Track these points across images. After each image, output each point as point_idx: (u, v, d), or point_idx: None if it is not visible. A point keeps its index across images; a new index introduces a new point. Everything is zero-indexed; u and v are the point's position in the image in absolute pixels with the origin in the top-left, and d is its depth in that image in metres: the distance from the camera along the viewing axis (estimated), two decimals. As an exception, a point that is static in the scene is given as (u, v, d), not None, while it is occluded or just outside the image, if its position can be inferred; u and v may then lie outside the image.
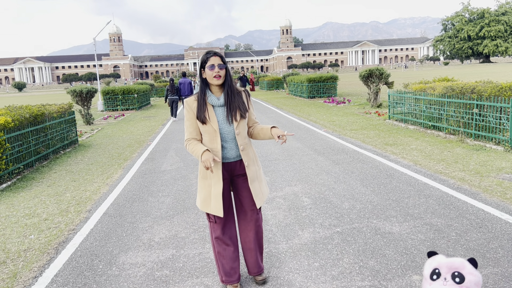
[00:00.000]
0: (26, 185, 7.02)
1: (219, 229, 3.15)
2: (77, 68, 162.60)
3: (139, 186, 6.56)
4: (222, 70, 2.90)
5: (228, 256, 3.17)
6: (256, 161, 3.16)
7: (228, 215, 3.17)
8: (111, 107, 22.42)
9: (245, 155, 3.03)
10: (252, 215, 3.18)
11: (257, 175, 3.13)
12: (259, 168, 3.19)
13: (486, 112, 8.17)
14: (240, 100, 2.99)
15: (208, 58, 2.89)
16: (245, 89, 3.11)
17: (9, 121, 7.42)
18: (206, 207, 3.06)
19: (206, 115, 2.92)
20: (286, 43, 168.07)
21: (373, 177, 6.31)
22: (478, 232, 4.08)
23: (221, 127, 2.94)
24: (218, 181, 2.99)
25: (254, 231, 3.21)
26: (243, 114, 2.98)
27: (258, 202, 3.10)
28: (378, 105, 16.65)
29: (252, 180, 3.07)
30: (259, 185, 3.12)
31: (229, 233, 3.19)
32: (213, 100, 2.94)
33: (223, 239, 3.16)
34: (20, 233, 4.76)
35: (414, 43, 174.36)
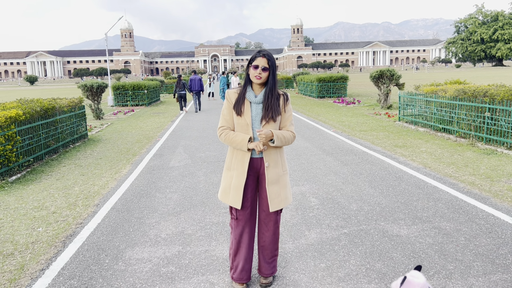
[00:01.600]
0: (36, 178, 7.08)
1: (240, 227, 3.15)
2: (88, 63, 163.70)
3: (147, 182, 6.58)
4: (264, 72, 2.96)
5: (243, 256, 3.17)
6: (282, 165, 3.10)
7: (250, 215, 3.15)
8: (121, 102, 22.53)
9: (266, 155, 3.02)
10: (272, 215, 3.17)
11: (279, 179, 3.07)
12: (284, 174, 3.12)
13: (498, 116, 8.07)
14: (276, 103, 3.01)
15: (256, 57, 2.97)
16: (284, 93, 3.09)
17: (20, 114, 7.48)
18: (225, 197, 3.12)
19: (242, 109, 3.01)
20: (296, 42, 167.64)
21: (382, 179, 6.26)
22: (487, 237, 4.03)
23: (252, 122, 3.01)
24: (242, 173, 3.03)
25: (272, 231, 3.20)
26: (274, 117, 2.98)
27: (272, 206, 3.06)
28: (388, 107, 16.54)
29: (271, 182, 3.04)
30: (278, 189, 3.06)
31: (249, 233, 3.18)
32: (251, 96, 3.03)
33: (242, 238, 3.16)
34: (28, 225, 4.80)
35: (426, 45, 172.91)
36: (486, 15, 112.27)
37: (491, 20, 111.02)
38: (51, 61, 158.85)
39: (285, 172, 3.12)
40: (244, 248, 3.16)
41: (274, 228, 3.20)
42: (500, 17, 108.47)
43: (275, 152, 3.05)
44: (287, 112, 3.07)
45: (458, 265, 3.49)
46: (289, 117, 3.08)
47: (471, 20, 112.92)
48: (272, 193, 3.04)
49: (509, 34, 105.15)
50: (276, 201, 3.06)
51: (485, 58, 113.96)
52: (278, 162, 3.06)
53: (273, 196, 3.05)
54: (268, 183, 3.03)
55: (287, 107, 3.06)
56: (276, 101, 3.01)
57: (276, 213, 3.18)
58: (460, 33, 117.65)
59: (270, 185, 3.03)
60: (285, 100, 3.06)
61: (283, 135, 2.98)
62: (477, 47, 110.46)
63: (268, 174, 3.02)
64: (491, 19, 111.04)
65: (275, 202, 3.06)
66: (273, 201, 3.05)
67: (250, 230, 3.18)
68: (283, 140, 2.98)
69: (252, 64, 2.96)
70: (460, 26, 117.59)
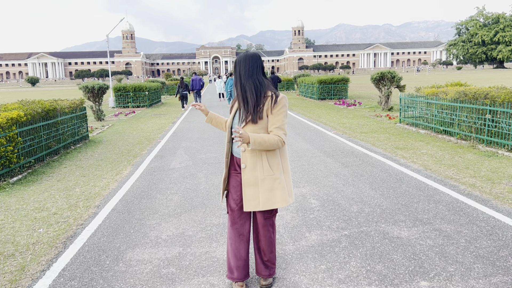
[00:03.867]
0: (37, 179, 7.09)
1: (230, 221, 3.22)
2: (89, 65, 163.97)
3: (148, 183, 6.58)
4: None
5: (233, 252, 3.19)
6: (265, 170, 2.96)
7: (239, 213, 3.16)
8: (122, 104, 22.56)
9: (244, 156, 2.98)
10: (260, 217, 3.17)
11: (259, 183, 2.96)
12: (268, 178, 2.96)
13: (499, 118, 8.07)
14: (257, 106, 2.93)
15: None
16: (274, 94, 2.94)
17: (22, 115, 7.50)
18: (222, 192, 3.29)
19: (231, 111, 3.15)
20: (297, 44, 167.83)
21: (383, 181, 6.26)
22: (488, 239, 4.03)
23: (235, 123, 3.08)
24: (225, 166, 3.17)
25: (262, 234, 3.20)
26: (253, 120, 2.91)
27: (246, 206, 3.01)
28: (389, 108, 16.54)
29: (247, 184, 2.99)
30: (256, 191, 2.97)
31: (240, 230, 3.19)
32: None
33: (232, 233, 3.21)
34: (29, 226, 4.81)
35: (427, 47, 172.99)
36: (487, 17, 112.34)
37: (492, 22, 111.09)
38: (53, 63, 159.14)
39: (269, 176, 2.97)
40: (233, 243, 3.19)
41: (264, 231, 3.18)
42: (501, 19, 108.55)
43: (253, 155, 2.96)
44: (275, 115, 2.90)
45: (458, 267, 3.49)
46: (277, 121, 2.90)
47: (472, 22, 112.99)
48: (247, 194, 3.00)
49: (510, 36, 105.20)
50: (252, 203, 2.99)
51: (486, 60, 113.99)
52: (256, 165, 2.96)
53: (248, 198, 3.00)
54: (243, 184, 3.01)
55: (274, 110, 2.90)
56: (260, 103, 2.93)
57: (263, 217, 3.15)
58: (461, 35, 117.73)
59: (246, 186, 3.00)
60: (273, 102, 2.91)
61: (263, 139, 2.80)
62: (478, 49, 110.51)
63: (244, 175, 3.00)
64: (492, 21, 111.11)
65: (251, 204, 3.00)
66: (249, 202, 3.00)
67: (241, 227, 3.19)
68: (263, 144, 2.80)
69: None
70: (461, 28, 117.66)
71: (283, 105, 2.94)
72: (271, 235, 3.22)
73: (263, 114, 2.91)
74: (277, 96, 2.94)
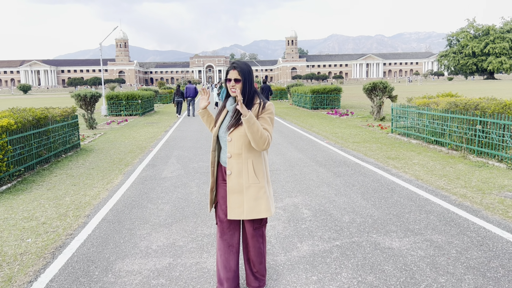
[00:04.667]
0: (26, 187, 7.01)
1: (219, 232, 3.19)
2: (82, 72, 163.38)
3: (139, 193, 6.53)
4: (237, 83, 2.92)
5: (222, 264, 3.17)
6: (250, 177, 2.97)
7: (228, 222, 3.14)
8: (114, 112, 22.47)
9: (230, 163, 2.98)
10: (249, 228, 3.15)
11: (244, 190, 2.97)
12: (253, 186, 2.98)
13: (489, 129, 8.14)
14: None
15: (228, 71, 2.98)
16: (262, 101, 2.98)
17: (12, 123, 7.43)
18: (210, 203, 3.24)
19: (218, 118, 3.13)
20: (291, 54, 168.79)
21: (374, 191, 6.27)
22: (479, 250, 4.04)
23: (222, 129, 3.04)
24: (212, 175, 3.14)
25: (251, 244, 3.18)
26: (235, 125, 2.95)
27: (230, 214, 3.01)
28: (381, 118, 16.64)
29: (232, 191, 2.99)
30: (241, 199, 2.98)
31: (229, 241, 3.16)
32: (228, 104, 3.08)
33: (221, 244, 3.18)
34: (17, 236, 4.74)
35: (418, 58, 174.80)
36: (477, 29, 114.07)
37: (483, 34, 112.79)
38: (45, 70, 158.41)
39: (255, 185, 2.98)
40: (222, 254, 3.17)
41: (253, 242, 3.16)
42: (491, 31, 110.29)
43: (239, 162, 2.96)
44: (263, 119, 2.93)
45: (449, 278, 3.49)
46: (265, 122, 2.92)
47: (463, 34, 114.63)
48: (232, 202, 3.00)
49: (500, 48, 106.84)
50: (237, 211, 2.99)
51: (476, 71, 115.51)
52: (242, 172, 2.97)
53: (232, 206, 3.00)
54: (228, 191, 3.00)
55: (262, 114, 2.94)
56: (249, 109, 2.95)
57: (253, 227, 3.13)
58: (452, 46, 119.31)
59: (231, 193, 3.00)
60: (260, 108, 2.95)
61: (257, 122, 2.80)
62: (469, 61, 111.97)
63: (229, 182, 3.00)
64: (483, 33, 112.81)
65: (235, 212, 3.00)
66: (233, 210, 3.00)
67: (230, 238, 3.16)
68: (255, 126, 2.77)
69: (227, 77, 2.96)
70: (452, 40, 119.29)
71: (271, 112, 2.98)
72: (261, 245, 3.20)
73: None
74: (265, 103, 2.99)
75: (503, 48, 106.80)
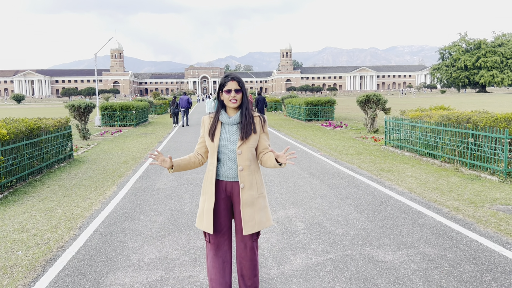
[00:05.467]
0: (18, 199, 6.94)
1: (213, 250, 3.11)
2: (77, 83, 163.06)
3: (132, 204, 6.49)
4: (238, 94, 2.97)
5: (217, 281, 3.12)
6: (258, 188, 3.06)
7: (224, 239, 3.11)
8: (108, 122, 22.41)
9: (242, 176, 2.99)
10: (248, 242, 3.12)
11: (254, 202, 3.03)
12: (261, 197, 3.07)
13: (481, 142, 8.21)
14: (252, 122, 3.03)
15: (225, 82, 2.98)
16: (260, 115, 3.10)
17: (4, 133, 7.39)
18: (200, 223, 3.10)
19: (215, 133, 3.04)
20: (285, 66, 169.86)
21: (368, 203, 6.28)
22: (471, 263, 4.04)
23: (225, 144, 3.00)
24: (210, 196, 3.03)
25: (249, 258, 3.14)
26: (249, 135, 2.99)
27: (246, 229, 3.01)
28: (374, 131, 16.73)
29: (245, 205, 3.00)
30: (253, 212, 3.02)
31: (223, 257, 3.13)
32: (224, 118, 3.03)
33: (216, 262, 3.11)
34: (7, 248, 4.68)
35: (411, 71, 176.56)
36: (469, 43, 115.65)
37: (474, 48, 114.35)
38: (39, 80, 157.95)
39: (261, 195, 3.07)
40: (218, 272, 3.11)
41: (251, 254, 3.14)
42: (483, 45, 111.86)
43: (250, 174, 3.01)
44: (266, 134, 3.11)
45: (442, 292, 3.49)
46: (268, 139, 3.12)
47: (455, 48, 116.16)
48: (246, 215, 3.00)
49: (492, 62, 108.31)
50: (250, 224, 3.01)
51: (468, 84, 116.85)
52: (253, 185, 3.03)
53: (247, 219, 3.00)
54: (242, 205, 2.99)
55: (265, 128, 3.09)
56: (252, 120, 3.03)
57: (252, 239, 3.12)
58: (444, 59, 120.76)
59: (245, 207, 3.00)
60: (263, 122, 3.08)
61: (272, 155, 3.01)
62: (461, 74, 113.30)
63: (242, 196, 2.99)
64: (474, 47, 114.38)
65: (249, 225, 3.01)
66: (247, 224, 3.00)
67: (224, 254, 3.13)
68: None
69: (224, 89, 2.97)
70: (445, 53, 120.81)
71: (267, 125, 3.15)
72: (256, 257, 3.20)
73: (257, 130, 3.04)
74: (264, 117, 3.12)
75: (495, 62, 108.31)
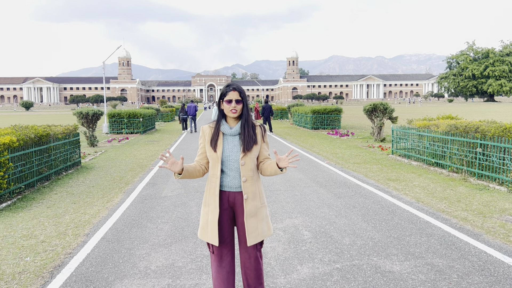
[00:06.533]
0: (26, 205, 6.99)
1: (217, 261, 3.10)
2: (85, 90, 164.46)
3: (139, 212, 6.52)
4: (238, 105, 2.98)
5: None
6: (260, 198, 3.08)
7: (226, 248, 3.10)
8: (116, 130, 22.56)
9: (246, 187, 3.00)
10: (252, 252, 3.11)
11: (257, 212, 3.04)
12: (263, 206, 3.09)
13: (489, 151, 8.16)
14: (253, 132, 3.04)
15: (227, 92, 2.99)
16: (261, 125, 3.12)
17: (14, 140, 7.47)
18: (204, 235, 3.08)
19: (217, 143, 3.03)
20: (292, 74, 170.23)
21: (375, 213, 6.26)
22: (480, 275, 4.01)
23: (227, 154, 3.00)
24: (214, 208, 3.01)
25: (254, 268, 3.14)
26: (250, 147, 3.00)
27: (250, 240, 3.00)
28: (381, 140, 16.68)
29: (249, 215, 3.00)
30: (256, 222, 3.03)
31: (227, 267, 3.12)
32: (226, 129, 3.03)
33: (221, 273, 3.10)
34: (16, 254, 4.71)
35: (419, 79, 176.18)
36: (477, 52, 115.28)
37: (482, 57, 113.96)
38: (48, 87, 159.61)
39: (263, 205, 3.09)
40: (222, 283, 3.09)
41: (256, 264, 3.14)
42: (491, 54, 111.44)
43: (253, 185, 3.03)
44: (267, 143, 3.15)
45: (451, 303, 3.45)
46: (268, 148, 3.16)
47: (462, 57, 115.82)
48: (250, 226, 3.00)
49: (500, 71, 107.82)
50: (254, 234, 3.02)
51: (476, 93, 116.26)
52: (256, 195, 3.05)
53: (251, 230, 3.00)
54: (246, 216, 2.99)
55: (265, 138, 3.13)
56: (253, 131, 3.04)
57: (256, 249, 3.12)
58: (452, 68, 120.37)
59: (248, 218, 3.00)
60: (263, 131, 3.11)
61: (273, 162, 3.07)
62: (469, 83, 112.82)
63: (246, 207, 2.99)
64: (482, 56, 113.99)
65: (253, 235, 3.01)
66: (251, 234, 3.00)
67: (228, 264, 3.12)
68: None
69: (225, 99, 2.98)
70: (452, 62, 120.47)
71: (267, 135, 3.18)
72: (261, 266, 3.19)
73: (258, 141, 3.06)
74: (264, 126, 3.14)
75: (503, 71, 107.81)
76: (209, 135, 3.06)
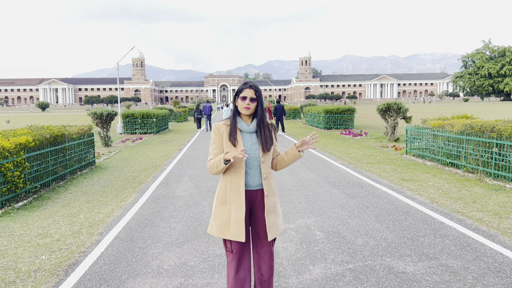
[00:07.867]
0: (42, 204, 7.10)
1: (235, 260, 3.06)
2: (99, 91, 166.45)
3: (152, 211, 6.57)
4: (252, 103, 2.99)
5: None
6: (276, 193, 3.16)
7: (245, 246, 3.10)
8: (129, 130, 22.78)
9: (266, 184, 3.04)
10: (267, 248, 3.13)
11: (275, 207, 3.12)
12: (277, 202, 3.18)
13: (506, 151, 8.02)
14: (270, 133, 3.09)
15: (242, 89, 3.01)
16: (271, 123, 3.16)
17: (30, 140, 7.59)
18: (224, 233, 3.00)
19: (237, 139, 3.00)
20: (304, 74, 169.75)
21: (388, 213, 6.20)
22: (496, 276, 3.94)
23: (247, 152, 3.00)
24: (240, 205, 2.97)
25: (268, 264, 3.15)
26: (270, 146, 3.05)
27: (270, 235, 3.05)
28: (395, 139, 16.52)
29: (269, 211, 3.05)
30: (275, 218, 3.10)
31: (245, 265, 3.11)
32: (243, 126, 3.03)
33: (239, 270, 3.08)
34: (31, 252, 4.79)
35: (433, 79, 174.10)
36: (493, 50, 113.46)
37: (499, 55, 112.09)
38: (63, 88, 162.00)
39: (277, 200, 3.19)
40: (240, 281, 3.07)
41: (270, 261, 3.15)
42: (508, 52, 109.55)
43: (272, 181, 3.11)
44: (276, 140, 3.22)
45: (465, 305, 3.40)
46: (276, 143, 3.21)
47: (478, 55, 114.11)
48: (270, 221, 3.05)
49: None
50: (273, 229, 3.08)
51: (493, 92, 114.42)
52: (274, 191, 3.12)
53: (271, 225, 3.05)
54: (267, 212, 3.03)
55: (276, 135, 3.19)
56: (269, 130, 3.09)
57: (271, 244, 3.14)
58: (467, 67, 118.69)
59: (269, 214, 3.04)
60: (274, 129, 3.17)
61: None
62: (485, 82, 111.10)
63: (267, 203, 3.04)
64: (499, 55, 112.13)
65: (272, 230, 3.07)
66: (271, 229, 3.06)
67: (247, 262, 3.11)
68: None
69: (240, 95, 3.00)
70: (468, 61, 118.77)
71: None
72: (273, 262, 3.21)
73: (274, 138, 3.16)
74: (274, 125, 3.20)
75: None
76: (226, 132, 3.03)
